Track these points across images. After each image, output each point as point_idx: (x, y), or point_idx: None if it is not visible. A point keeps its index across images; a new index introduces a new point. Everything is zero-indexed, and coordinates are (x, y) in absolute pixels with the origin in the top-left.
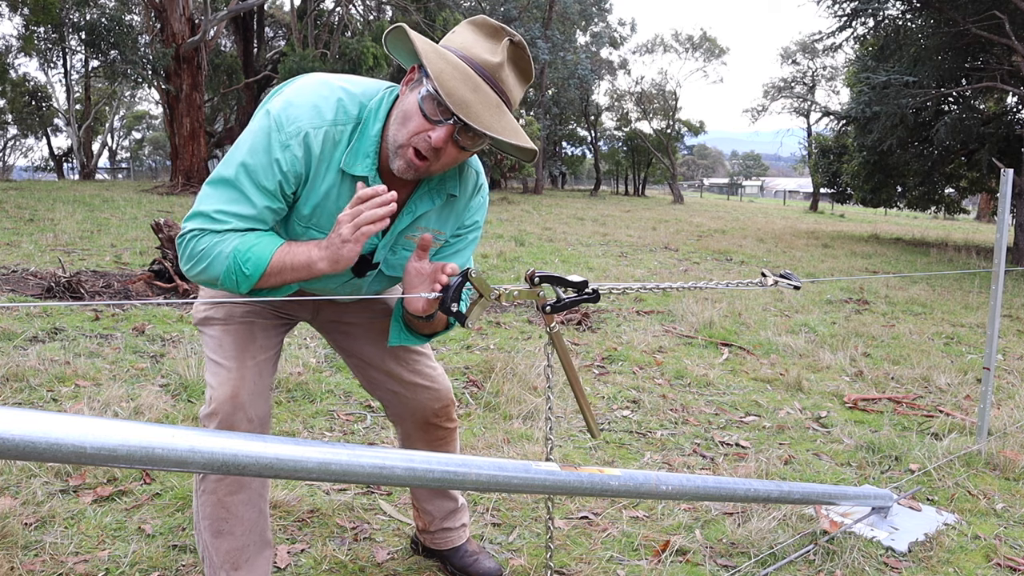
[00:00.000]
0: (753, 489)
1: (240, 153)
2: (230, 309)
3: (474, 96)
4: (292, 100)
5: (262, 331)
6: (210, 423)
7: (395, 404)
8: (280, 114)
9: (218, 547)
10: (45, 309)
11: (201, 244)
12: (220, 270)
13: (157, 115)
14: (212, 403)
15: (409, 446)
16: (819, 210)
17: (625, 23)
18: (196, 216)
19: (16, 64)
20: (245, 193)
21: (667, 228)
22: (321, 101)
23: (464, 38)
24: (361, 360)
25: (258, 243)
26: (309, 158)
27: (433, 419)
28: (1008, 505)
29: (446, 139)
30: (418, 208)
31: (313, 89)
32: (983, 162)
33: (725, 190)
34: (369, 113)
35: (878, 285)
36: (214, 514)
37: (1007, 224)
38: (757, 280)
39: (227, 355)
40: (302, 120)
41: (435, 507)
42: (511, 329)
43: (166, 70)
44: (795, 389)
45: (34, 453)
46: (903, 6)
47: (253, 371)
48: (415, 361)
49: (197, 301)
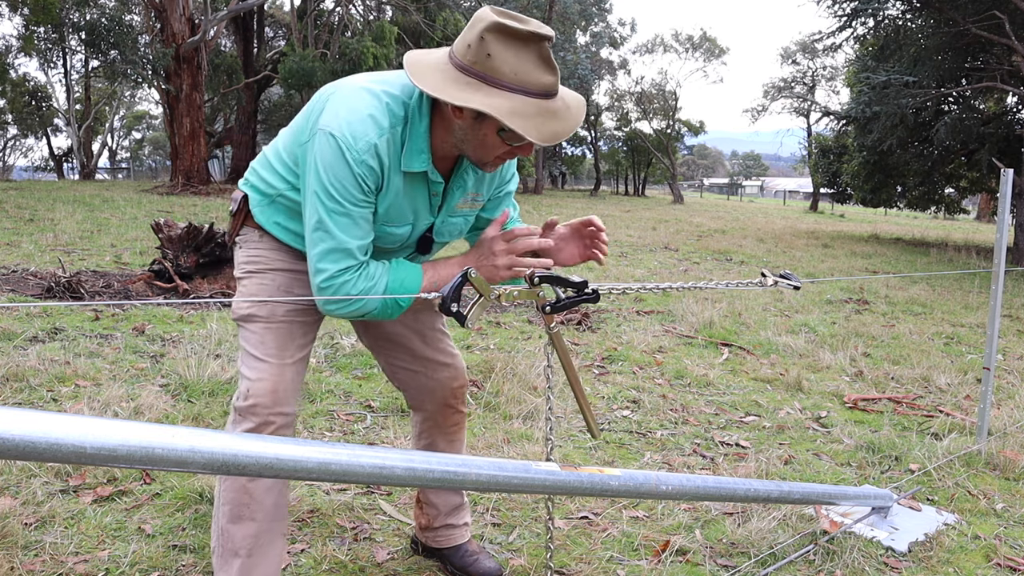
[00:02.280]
0: (753, 489)
1: (326, 183)
2: (273, 308)
3: (552, 119)
4: (349, 118)
5: (300, 328)
6: (247, 415)
7: (416, 386)
8: (345, 132)
9: (235, 533)
10: (45, 309)
11: (353, 287)
12: (374, 306)
13: (157, 115)
14: (251, 397)
15: (427, 434)
16: (819, 210)
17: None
18: (333, 253)
19: (16, 64)
20: (350, 214)
21: (667, 228)
22: (374, 110)
23: (507, 62)
24: (386, 339)
25: (405, 276)
26: (381, 167)
27: (451, 400)
28: (1008, 505)
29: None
30: (467, 182)
31: (361, 99)
32: (983, 162)
33: (725, 190)
34: (413, 111)
35: (878, 285)
36: (236, 499)
37: (1007, 224)
38: (757, 280)
39: (269, 352)
40: (369, 133)
41: (441, 501)
42: (511, 329)
43: (166, 70)
44: (795, 389)
45: (34, 453)
46: (903, 6)
47: (292, 368)
48: (438, 340)
49: (238, 298)
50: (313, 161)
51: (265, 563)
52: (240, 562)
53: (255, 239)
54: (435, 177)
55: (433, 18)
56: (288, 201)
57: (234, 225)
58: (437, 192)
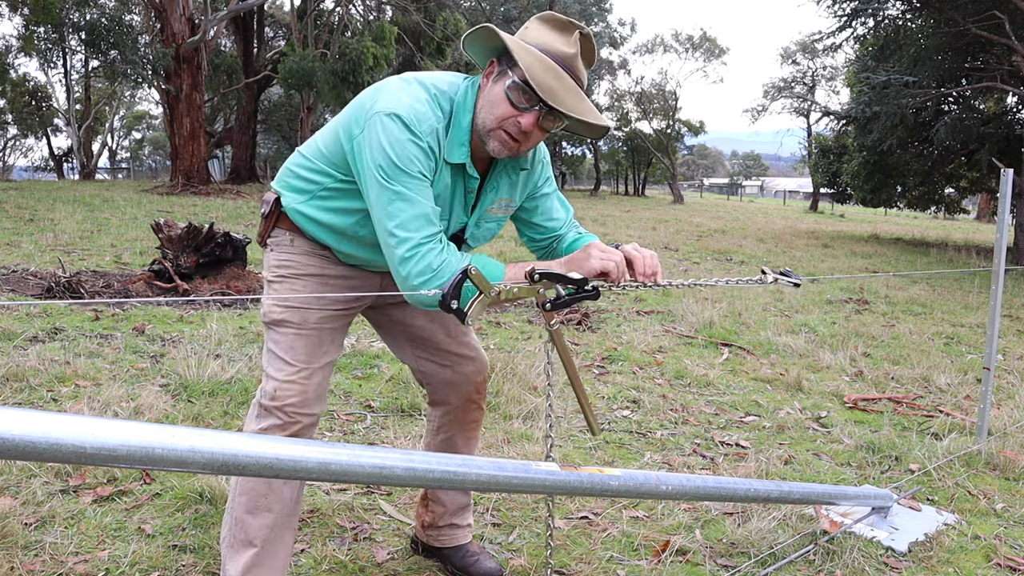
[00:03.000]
0: (753, 489)
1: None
2: (304, 315)
3: (558, 83)
4: (411, 102)
5: (330, 336)
6: (275, 412)
7: (442, 379)
8: (410, 113)
9: (251, 523)
10: (45, 309)
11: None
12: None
13: (157, 115)
14: (279, 398)
15: (446, 428)
16: (819, 210)
17: (625, 23)
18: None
19: (16, 64)
20: (422, 187)
21: (667, 228)
22: (430, 100)
23: (539, 33)
24: (412, 333)
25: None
26: (438, 151)
27: (475, 395)
28: (1008, 505)
29: (534, 123)
30: (499, 187)
31: (417, 90)
32: (983, 162)
33: (725, 190)
34: (458, 106)
35: (878, 285)
36: (255, 489)
37: (1007, 224)
38: (757, 278)
39: (298, 357)
40: (430, 118)
41: (450, 499)
42: (511, 329)
43: (166, 70)
44: (795, 389)
45: (34, 453)
46: (903, 6)
47: (320, 373)
48: (463, 334)
49: (269, 301)
50: (376, 142)
51: (277, 555)
52: (253, 552)
53: (287, 243)
54: (472, 172)
55: (433, 18)
56: (329, 193)
57: (266, 227)
58: (472, 189)
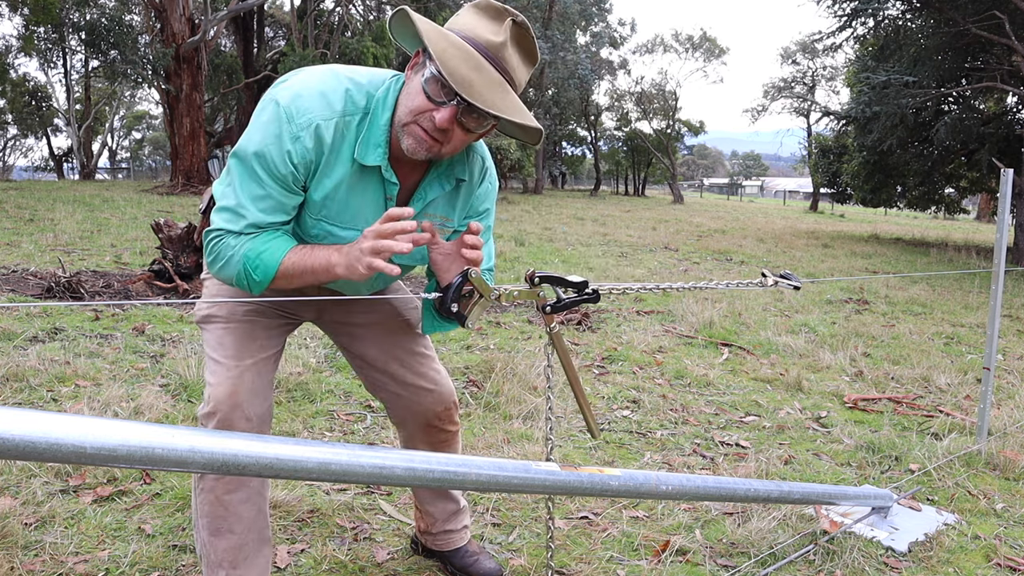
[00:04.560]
0: (753, 489)
1: (252, 144)
2: (232, 308)
3: (476, 75)
4: (301, 91)
5: (264, 330)
6: (208, 422)
7: (397, 406)
8: (290, 105)
9: (216, 545)
10: (45, 309)
11: (221, 247)
12: (233, 272)
13: (157, 115)
14: (210, 402)
15: (411, 448)
16: (819, 210)
17: (625, 23)
18: (221, 211)
19: (16, 64)
20: (263, 184)
21: (667, 228)
22: (330, 92)
23: (467, 20)
24: (364, 362)
25: (266, 249)
26: (320, 149)
27: (435, 422)
28: (1008, 505)
29: (450, 120)
30: (428, 194)
31: (321, 80)
32: (983, 162)
33: (725, 190)
34: (377, 103)
35: (878, 285)
36: (212, 512)
37: (1007, 224)
38: (757, 280)
39: (227, 353)
40: (313, 112)
41: (437, 509)
42: (511, 329)
43: (166, 70)
44: (795, 389)
45: (34, 453)
46: (903, 6)
47: (252, 370)
48: (418, 364)
49: (200, 300)
50: (252, 122)
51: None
52: (225, 574)
53: None
54: (390, 177)
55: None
56: None
57: (203, 223)
58: (392, 196)
